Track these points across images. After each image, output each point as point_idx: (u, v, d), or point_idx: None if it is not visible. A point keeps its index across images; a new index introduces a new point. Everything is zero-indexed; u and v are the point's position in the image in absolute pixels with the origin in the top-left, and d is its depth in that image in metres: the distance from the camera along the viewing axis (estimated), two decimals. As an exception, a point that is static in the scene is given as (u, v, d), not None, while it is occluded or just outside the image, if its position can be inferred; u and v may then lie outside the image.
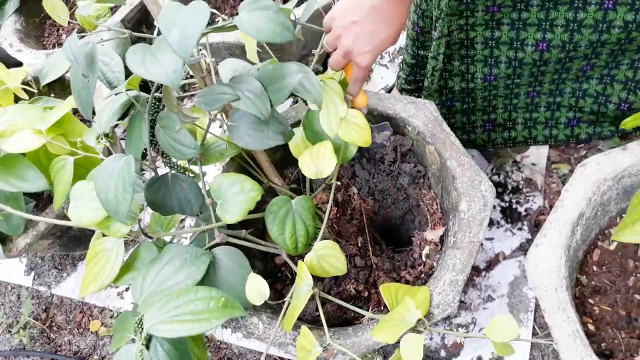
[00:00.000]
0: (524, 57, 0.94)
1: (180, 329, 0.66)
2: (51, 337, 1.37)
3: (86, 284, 0.85)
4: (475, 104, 1.08)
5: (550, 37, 0.89)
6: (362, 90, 0.89)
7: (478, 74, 1.01)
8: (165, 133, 0.78)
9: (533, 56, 0.94)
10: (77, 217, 0.76)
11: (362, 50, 0.74)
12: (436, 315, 0.75)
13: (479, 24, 0.93)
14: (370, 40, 0.73)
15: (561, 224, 0.79)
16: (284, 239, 0.82)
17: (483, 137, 1.15)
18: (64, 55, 0.66)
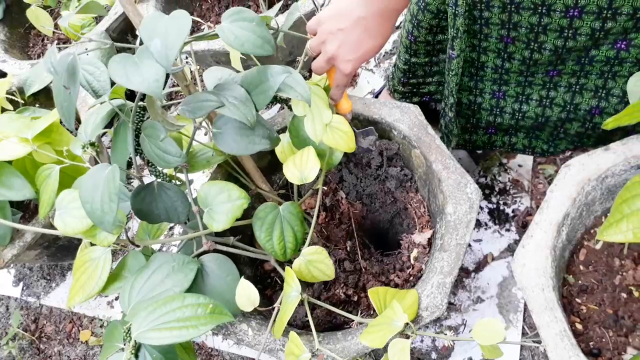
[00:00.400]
0: (533, 80, 0.96)
1: (168, 336, 0.66)
2: (41, 348, 1.36)
3: (73, 294, 0.84)
4: (481, 115, 1.08)
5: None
6: (346, 96, 0.89)
7: (487, 90, 1.01)
8: (150, 142, 0.78)
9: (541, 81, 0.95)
10: (62, 225, 0.76)
11: (346, 58, 0.75)
12: (425, 318, 0.75)
13: (490, 50, 0.94)
14: (355, 49, 0.74)
15: (547, 224, 0.79)
16: (272, 245, 0.82)
17: (484, 139, 1.14)
18: (45, 68, 0.66)
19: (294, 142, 0.91)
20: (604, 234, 0.63)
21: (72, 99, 0.66)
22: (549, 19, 0.83)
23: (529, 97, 0.99)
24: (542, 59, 0.90)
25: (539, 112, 1.00)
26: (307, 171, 0.83)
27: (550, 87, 0.97)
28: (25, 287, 1.45)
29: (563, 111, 0.99)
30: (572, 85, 0.94)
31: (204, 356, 1.20)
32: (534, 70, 0.93)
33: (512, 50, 0.91)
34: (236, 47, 0.72)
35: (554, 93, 0.97)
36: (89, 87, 1.05)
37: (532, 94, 0.98)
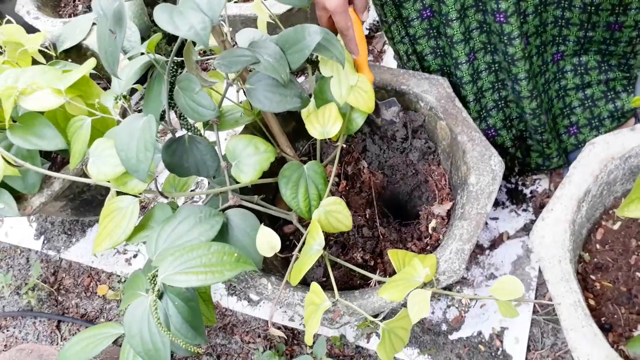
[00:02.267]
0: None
1: (194, 279, 0.69)
2: (59, 300, 1.40)
3: (100, 240, 0.87)
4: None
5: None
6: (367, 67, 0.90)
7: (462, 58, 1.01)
8: (184, 94, 0.79)
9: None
10: (95, 172, 0.78)
11: None
12: (442, 282, 0.77)
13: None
14: None
15: (567, 199, 0.81)
16: (297, 202, 0.84)
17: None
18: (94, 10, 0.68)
19: (318, 104, 0.92)
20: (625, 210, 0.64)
21: (118, 43, 0.68)
22: None
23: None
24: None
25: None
26: (329, 126, 0.85)
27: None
28: (46, 240, 1.49)
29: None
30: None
31: (219, 315, 1.23)
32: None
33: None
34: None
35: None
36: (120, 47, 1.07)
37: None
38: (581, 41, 0.94)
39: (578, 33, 0.92)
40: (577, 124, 1.06)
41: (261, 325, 1.20)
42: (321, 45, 0.76)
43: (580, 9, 0.88)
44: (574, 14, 0.89)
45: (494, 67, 0.99)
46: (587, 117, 1.05)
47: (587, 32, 0.91)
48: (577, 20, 0.90)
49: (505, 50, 0.91)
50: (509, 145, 1.11)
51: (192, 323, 0.79)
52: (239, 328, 1.21)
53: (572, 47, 0.95)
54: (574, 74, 1.00)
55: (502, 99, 1.04)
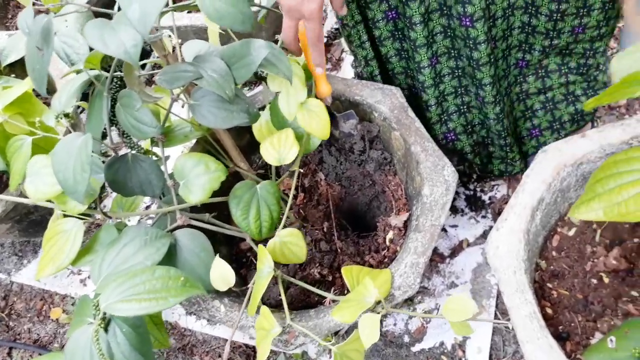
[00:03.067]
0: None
1: (137, 307, 0.65)
2: (10, 325, 1.34)
3: (42, 265, 0.83)
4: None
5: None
6: (325, 79, 0.88)
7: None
8: (125, 112, 0.76)
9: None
10: (33, 190, 0.75)
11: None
12: (397, 297, 0.76)
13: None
14: None
15: (521, 208, 0.80)
16: (248, 223, 0.81)
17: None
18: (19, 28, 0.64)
19: (274, 121, 0.90)
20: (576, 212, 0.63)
21: (45, 61, 0.64)
22: None
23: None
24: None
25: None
26: (285, 152, 0.82)
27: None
28: (-4, 263, 1.43)
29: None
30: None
31: (177, 336, 1.19)
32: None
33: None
34: (215, 20, 0.71)
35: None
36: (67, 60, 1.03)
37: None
38: (546, 50, 0.94)
39: (543, 42, 0.92)
40: (539, 126, 1.06)
41: (221, 345, 1.17)
42: (268, 61, 0.74)
43: (547, 16, 0.88)
44: (540, 21, 0.89)
45: (457, 72, 0.98)
46: (548, 120, 1.05)
47: (552, 40, 0.91)
48: (543, 28, 0.90)
49: (471, 55, 0.90)
50: (468, 151, 1.11)
51: (141, 349, 0.75)
52: (198, 348, 1.17)
53: (537, 56, 0.95)
54: (535, 77, 1.01)
55: (465, 104, 1.04)
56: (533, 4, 0.87)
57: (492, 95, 0.94)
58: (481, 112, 1.02)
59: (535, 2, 0.86)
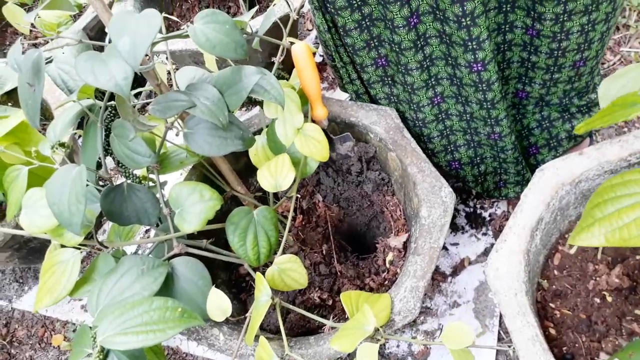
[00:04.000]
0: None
1: (134, 340, 0.65)
2: (12, 353, 1.33)
3: (40, 296, 0.82)
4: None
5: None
6: (322, 102, 0.88)
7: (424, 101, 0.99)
8: (119, 142, 0.76)
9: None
10: (28, 224, 0.74)
11: None
12: (397, 323, 0.75)
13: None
14: None
15: (520, 228, 0.79)
16: (245, 250, 0.80)
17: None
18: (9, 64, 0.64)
19: (271, 146, 0.90)
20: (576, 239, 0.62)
21: (37, 96, 0.64)
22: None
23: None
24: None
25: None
26: (281, 179, 0.82)
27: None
28: (-3, 290, 1.42)
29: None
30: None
31: (179, 361, 1.19)
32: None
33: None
34: (207, 50, 0.71)
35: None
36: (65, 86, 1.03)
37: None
38: (547, 84, 0.93)
39: (544, 76, 0.92)
40: (535, 144, 1.06)
41: (223, 369, 1.15)
42: (259, 86, 0.74)
43: (547, 54, 0.87)
44: (540, 58, 0.88)
45: (465, 116, 0.97)
46: (545, 138, 1.04)
47: (552, 74, 0.90)
48: (544, 64, 0.89)
49: (484, 97, 0.89)
50: (470, 180, 1.10)
51: (140, 381, 0.74)
52: (200, 373, 1.16)
53: (538, 90, 0.95)
54: (534, 104, 1.00)
55: (474, 142, 1.03)
56: (532, 43, 0.86)
57: (508, 127, 0.94)
58: (494, 148, 1.01)
59: (534, 42, 0.86)
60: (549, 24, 0.81)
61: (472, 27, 0.77)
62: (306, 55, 0.82)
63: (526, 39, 0.86)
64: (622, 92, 0.54)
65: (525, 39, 0.86)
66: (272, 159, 0.84)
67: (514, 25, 0.85)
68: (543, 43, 0.84)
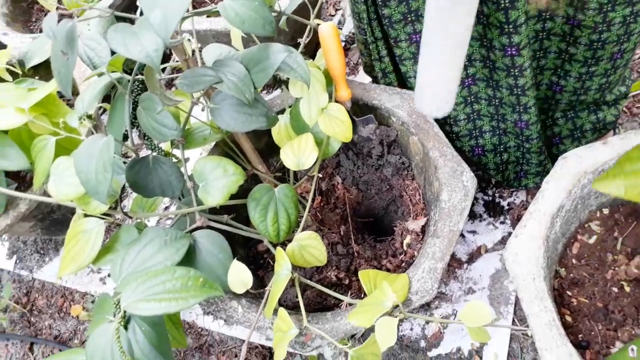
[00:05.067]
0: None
1: (157, 307, 0.66)
2: (32, 321, 1.36)
3: (64, 264, 0.84)
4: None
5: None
6: (345, 83, 0.88)
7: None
8: (146, 114, 0.77)
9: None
10: (56, 191, 0.76)
11: None
12: (414, 302, 0.75)
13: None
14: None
15: (541, 214, 0.79)
16: (265, 226, 0.82)
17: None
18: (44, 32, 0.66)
19: (293, 125, 0.91)
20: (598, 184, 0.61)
21: (70, 65, 0.65)
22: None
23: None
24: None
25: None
26: (304, 158, 0.83)
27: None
28: (19, 260, 1.45)
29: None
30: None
31: (194, 335, 1.21)
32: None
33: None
34: (237, 25, 0.72)
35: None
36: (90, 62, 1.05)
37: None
38: (583, 77, 0.92)
39: (581, 69, 0.90)
40: (559, 134, 1.05)
41: (238, 345, 1.17)
42: (286, 64, 0.75)
43: (586, 45, 0.86)
44: (578, 50, 0.87)
45: (494, 101, 0.97)
46: (569, 128, 1.03)
47: (589, 67, 0.89)
48: (581, 57, 0.88)
49: (515, 83, 0.88)
50: (492, 168, 1.10)
51: (160, 348, 0.76)
52: (215, 348, 1.18)
53: (573, 83, 0.93)
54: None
55: (500, 129, 1.03)
56: (572, 33, 0.85)
57: (535, 115, 0.93)
58: (519, 137, 1.00)
59: (574, 32, 0.84)
60: (592, 13, 0.80)
61: (510, 10, 0.76)
62: (333, 36, 0.83)
63: (566, 29, 0.85)
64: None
65: (565, 29, 0.85)
66: (296, 138, 0.85)
67: (555, 14, 0.84)
68: (583, 34, 0.83)
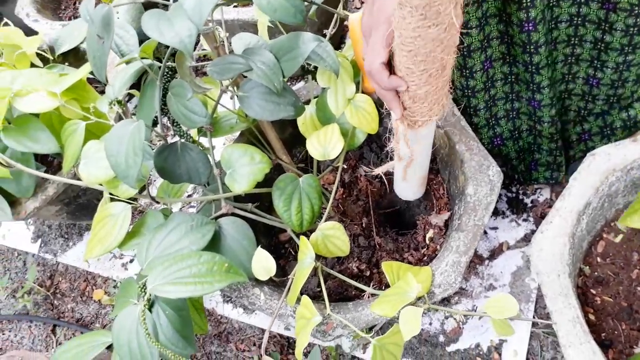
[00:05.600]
0: None
1: (183, 290, 0.67)
2: (55, 304, 1.39)
3: (91, 247, 0.86)
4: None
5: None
6: None
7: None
8: (176, 101, 0.78)
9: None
10: (86, 174, 0.77)
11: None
12: (437, 295, 0.75)
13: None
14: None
15: (567, 211, 0.79)
16: (289, 215, 0.82)
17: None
18: (81, 16, 0.67)
19: (319, 115, 0.91)
20: (628, 220, 0.62)
21: (105, 49, 0.67)
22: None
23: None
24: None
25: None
26: (329, 148, 0.83)
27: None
28: (43, 244, 1.48)
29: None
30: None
31: (214, 322, 1.22)
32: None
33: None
34: (268, 13, 0.72)
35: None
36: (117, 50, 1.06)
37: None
38: (620, 67, 0.90)
39: (617, 58, 0.89)
40: (589, 131, 1.04)
41: (256, 334, 1.18)
42: (315, 54, 0.75)
43: (623, 31, 0.84)
44: (614, 37, 0.85)
45: (510, 78, 0.96)
46: (599, 125, 1.02)
47: (626, 55, 0.87)
48: (618, 44, 0.86)
49: (530, 60, 0.88)
50: (513, 157, 1.09)
51: (183, 332, 0.77)
52: (234, 336, 1.19)
53: (610, 75, 0.92)
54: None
55: (514, 110, 1.02)
56: (607, 20, 0.83)
57: (549, 97, 0.92)
58: (532, 118, 1.00)
59: (609, 17, 0.83)
60: None
61: None
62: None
63: (601, 15, 0.83)
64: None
65: (600, 15, 0.83)
66: (322, 129, 0.86)
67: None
68: (619, 18, 0.81)
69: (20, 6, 1.58)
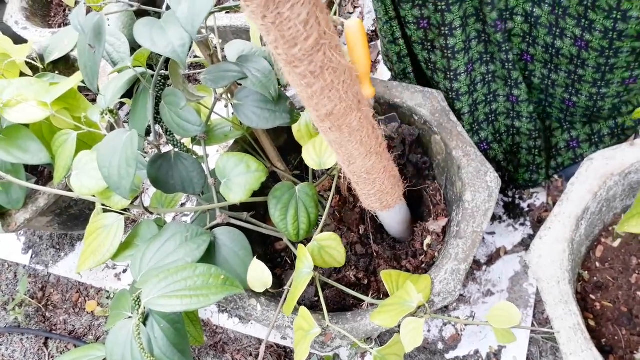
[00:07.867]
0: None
1: (178, 304, 0.66)
2: (47, 316, 1.37)
3: (84, 259, 0.84)
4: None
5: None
6: (369, 81, 0.88)
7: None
8: (170, 110, 0.77)
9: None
10: (78, 185, 0.76)
11: None
12: (437, 304, 0.74)
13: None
14: None
15: (566, 217, 0.78)
16: (285, 224, 0.81)
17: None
18: (72, 25, 0.66)
19: (314, 122, 0.90)
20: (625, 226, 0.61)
21: (97, 58, 0.65)
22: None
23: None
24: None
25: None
26: (326, 157, 0.82)
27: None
28: (35, 255, 1.46)
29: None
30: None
31: (209, 333, 1.20)
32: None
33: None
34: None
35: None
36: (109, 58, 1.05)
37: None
38: (594, 97, 0.91)
39: (591, 90, 0.90)
40: (577, 138, 1.04)
41: (253, 344, 1.17)
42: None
43: (594, 68, 0.85)
44: (587, 72, 0.86)
45: (487, 77, 0.97)
46: (587, 133, 1.02)
47: (600, 89, 0.89)
48: (590, 79, 0.87)
49: (507, 58, 0.89)
50: (502, 159, 1.09)
51: (178, 345, 0.76)
52: (230, 346, 1.18)
53: (585, 101, 0.93)
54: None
55: (492, 112, 1.02)
56: (579, 56, 0.84)
57: (526, 92, 0.93)
58: (510, 115, 1.00)
59: (581, 54, 0.84)
60: (599, 35, 0.79)
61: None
62: (359, 32, 0.82)
63: (573, 51, 0.84)
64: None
65: (572, 51, 0.84)
66: (318, 137, 0.85)
67: (564, 34, 0.83)
68: (591, 56, 0.83)
69: (9, 14, 1.56)
